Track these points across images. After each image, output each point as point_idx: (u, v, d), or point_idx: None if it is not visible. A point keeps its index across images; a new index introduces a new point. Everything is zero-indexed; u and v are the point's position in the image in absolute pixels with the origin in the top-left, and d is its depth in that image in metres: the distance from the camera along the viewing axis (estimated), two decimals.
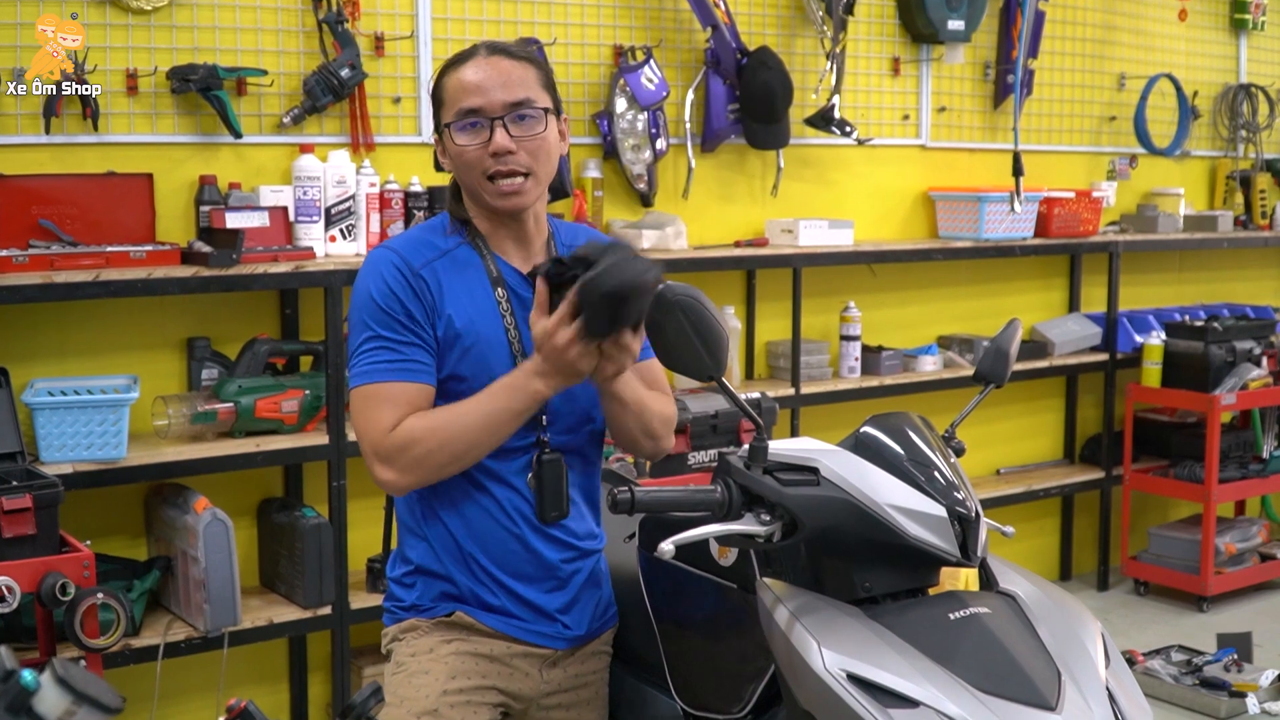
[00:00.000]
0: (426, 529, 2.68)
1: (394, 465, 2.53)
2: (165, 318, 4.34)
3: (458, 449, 2.53)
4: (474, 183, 2.64)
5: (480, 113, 2.60)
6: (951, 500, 2.25)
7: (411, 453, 2.52)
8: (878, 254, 5.66)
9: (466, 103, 2.61)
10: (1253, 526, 6.60)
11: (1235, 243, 6.98)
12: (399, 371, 2.56)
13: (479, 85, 2.60)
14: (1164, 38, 6.96)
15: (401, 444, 2.52)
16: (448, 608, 2.68)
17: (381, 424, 2.53)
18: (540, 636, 2.70)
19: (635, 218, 5.21)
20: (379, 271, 2.61)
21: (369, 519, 4.47)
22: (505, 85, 2.61)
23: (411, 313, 2.58)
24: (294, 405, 4.27)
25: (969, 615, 2.19)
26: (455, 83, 2.63)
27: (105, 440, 3.92)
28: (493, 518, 2.64)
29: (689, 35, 5.35)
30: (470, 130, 2.61)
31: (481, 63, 2.63)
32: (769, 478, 2.21)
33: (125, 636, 3.82)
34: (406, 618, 2.72)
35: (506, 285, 2.66)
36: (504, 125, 2.60)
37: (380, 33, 4.63)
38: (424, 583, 2.70)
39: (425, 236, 2.70)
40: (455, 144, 2.62)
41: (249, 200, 4.38)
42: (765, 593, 2.28)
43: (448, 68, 2.67)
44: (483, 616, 2.66)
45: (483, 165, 2.61)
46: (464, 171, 2.65)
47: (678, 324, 2.18)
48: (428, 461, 2.52)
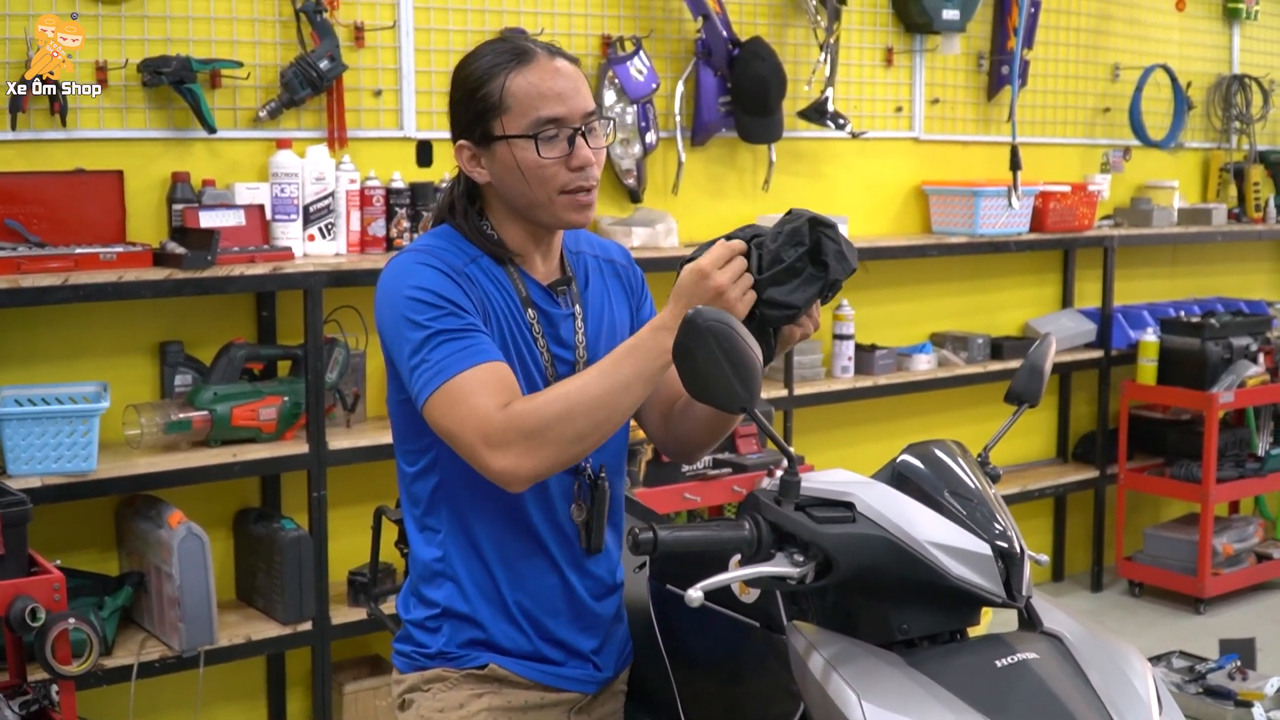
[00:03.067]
0: (456, 567, 2.48)
1: (513, 448, 2.22)
2: (137, 321, 4.17)
3: (582, 425, 2.23)
4: (543, 198, 2.41)
5: (562, 123, 2.38)
6: (994, 535, 2.09)
7: (528, 425, 2.21)
8: (873, 250, 5.51)
9: (548, 111, 2.37)
10: (1249, 526, 6.50)
11: (1229, 236, 6.88)
12: (478, 354, 2.29)
13: (560, 93, 2.38)
14: (1158, 27, 6.84)
15: (516, 422, 2.22)
16: (479, 658, 2.49)
17: (484, 408, 2.24)
18: (573, 682, 2.53)
19: (624, 214, 5.05)
20: (417, 271, 2.36)
21: (350, 529, 4.34)
22: (580, 93, 2.40)
23: (463, 306, 2.34)
24: (272, 413, 4.11)
25: (1016, 662, 2.04)
26: (526, 87, 2.38)
27: (75, 452, 3.76)
28: (533, 553, 2.47)
29: (679, 25, 5.18)
30: (550, 142, 2.38)
31: (550, 66, 2.40)
32: (801, 514, 2.05)
33: (98, 658, 3.67)
34: (431, 666, 2.51)
35: (536, 305, 2.48)
36: (583, 136, 2.40)
37: (360, 23, 4.46)
38: (451, 626, 2.50)
39: (445, 244, 2.46)
40: (531, 157, 2.38)
41: (224, 198, 4.21)
42: (797, 637, 2.13)
43: (498, 68, 2.40)
44: (516, 667, 2.48)
45: (560, 180, 2.39)
46: (535, 185, 2.40)
47: (709, 351, 2.01)
48: (551, 436, 2.22)
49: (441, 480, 2.46)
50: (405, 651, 2.55)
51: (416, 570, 2.55)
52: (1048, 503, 6.53)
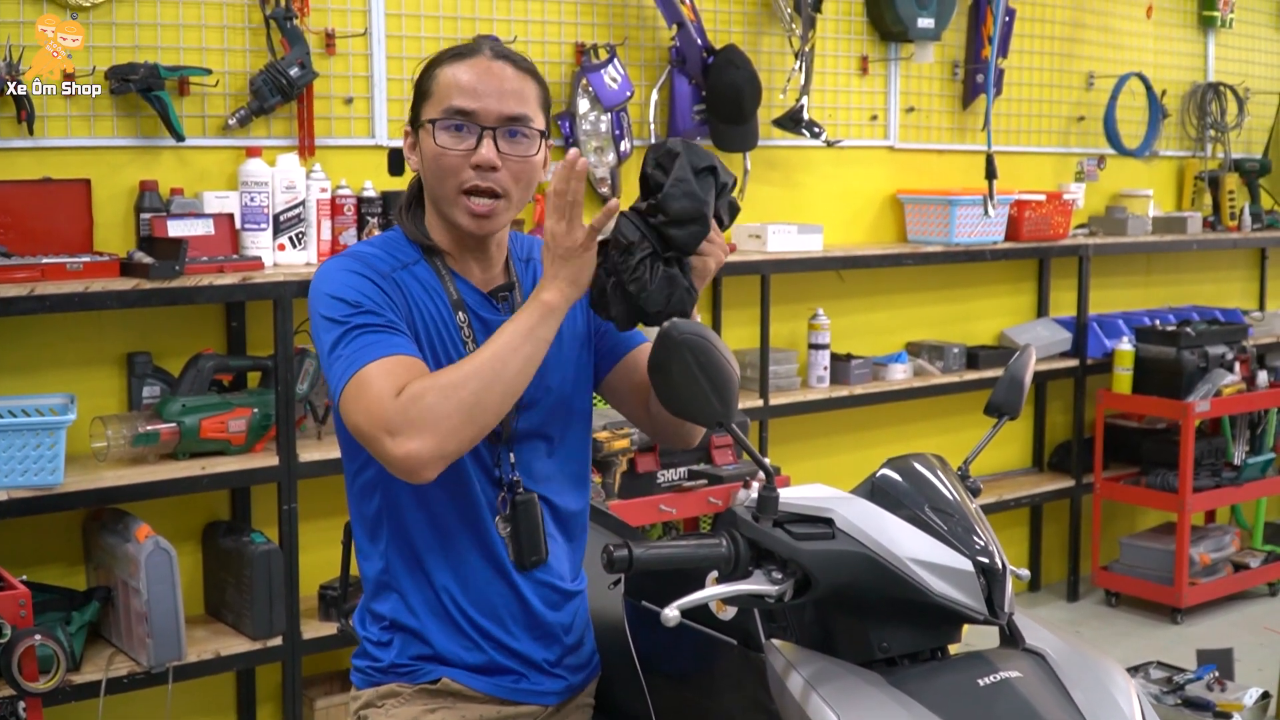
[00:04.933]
0: (400, 580, 2.44)
1: (406, 431, 2.16)
2: (104, 332, 4.12)
3: (473, 390, 2.18)
4: (446, 193, 2.39)
5: (472, 117, 2.36)
6: (976, 551, 2.06)
7: (420, 406, 2.16)
8: (848, 259, 5.49)
9: (458, 102, 2.36)
10: (1225, 535, 6.49)
11: (1204, 244, 6.87)
12: (386, 347, 2.25)
13: (475, 88, 2.37)
14: (1132, 35, 6.85)
15: (406, 404, 2.17)
16: (431, 672, 2.44)
17: (382, 395, 2.19)
18: (531, 694, 2.48)
19: None
20: (340, 274, 2.34)
21: (321, 542, 4.29)
22: (503, 95, 2.38)
23: (382, 306, 2.31)
24: (241, 425, 4.06)
25: (999, 681, 2.01)
26: (449, 77, 2.39)
27: (41, 465, 3.70)
28: (473, 563, 2.42)
29: (653, 33, 5.15)
30: (455, 133, 2.37)
31: (483, 64, 2.39)
32: (780, 531, 2.01)
33: (66, 674, 3.63)
34: (385, 681, 2.46)
35: (468, 308, 2.43)
36: (494, 137, 2.37)
37: (331, 30, 4.41)
38: (400, 639, 2.45)
39: (380, 250, 2.44)
40: (435, 143, 2.37)
41: (192, 207, 4.16)
42: (775, 656, 2.09)
43: (443, 59, 2.43)
44: (470, 680, 2.43)
45: (460, 175, 2.37)
46: (437, 177, 2.39)
47: (684, 365, 1.97)
48: (441, 413, 2.16)
49: (382, 492, 2.42)
50: (361, 667, 2.51)
51: (366, 584, 2.51)
52: (1024, 512, 6.51)
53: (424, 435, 2.16)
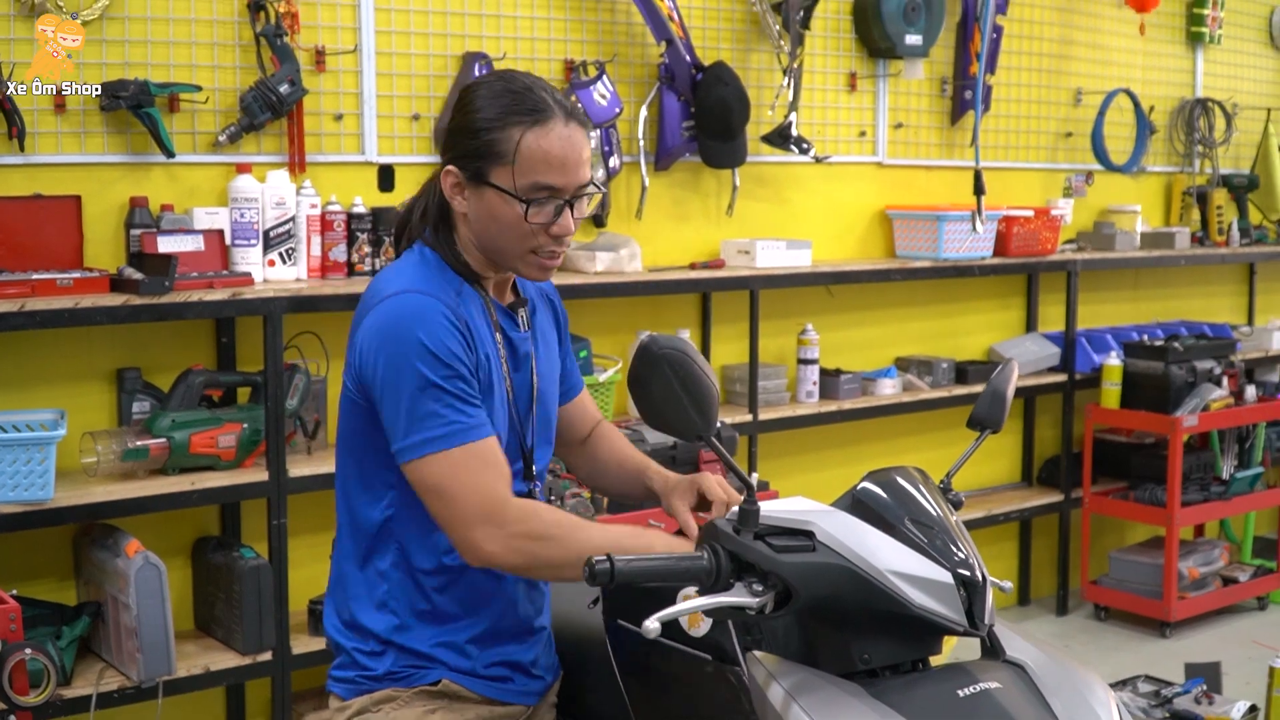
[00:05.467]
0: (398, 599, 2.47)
1: (504, 536, 2.27)
2: (94, 348, 4.13)
3: (570, 555, 2.27)
4: (515, 251, 2.42)
5: (558, 192, 2.39)
6: (956, 563, 2.07)
7: (529, 528, 2.28)
8: (837, 274, 5.51)
9: (548, 179, 2.37)
10: (1214, 550, 6.50)
11: (1192, 260, 6.89)
12: (484, 428, 2.34)
13: (564, 162, 2.37)
14: (1121, 52, 6.87)
15: (522, 517, 2.29)
16: (430, 673, 2.48)
17: (495, 488, 2.29)
18: (519, 695, 2.54)
19: (588, 239, 5.03)
20: (428, 319, 2.33)
21: (311, 558, 4.29)
22: (581, 165, 2.41)
23: (467, 365, 2.35)
24: (231, 440, 4.06)
25: (979, 692, 2.02)
26: (535, 150, 2.36)
27: (31, 480, 3.71)
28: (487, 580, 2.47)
29: (642, 50, 5.17)
30: (539, 206, 2.38)
31: (564, 133, 2.38)
32: (761, 543, 2.02)
33: (56, 688, 3.63)
34: (380, 687, 2.49)
35: (503, 331, 2.50)
36: (571, 208, 2.40)
37: (321, 47, 4.43)
38: (395, 652, 2.49)
39: (437, 275, 2.45)
40: (515, 215, 2.38)
41: (182, 223, 4.17)
42: (756, 668, 2.10)
43: (514, 118, 2.37)
44: (468, 682, 2.48)
45: (536, 241, 2.40)
46: (508, 239, 2.41)
47: (664, 380, 1.99)
48: (540, 549, 2.28)
49: (394, 515, 2.46)
50: (348, 678, 2.52)
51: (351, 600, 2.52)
52: (1013, 527, 6.52)
53: (515, 552, 2.29)
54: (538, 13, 4.92)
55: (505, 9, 4.84)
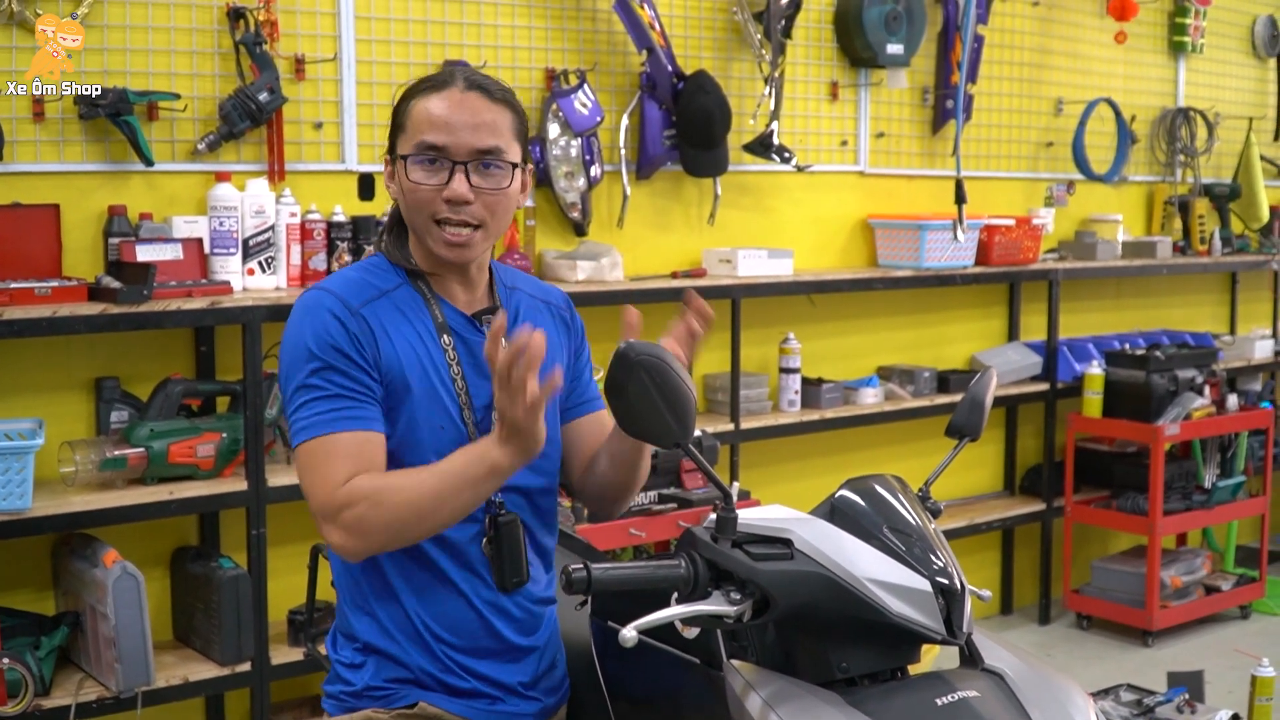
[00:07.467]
0: (374, 604, 2.45)
1: (338, 524, 2.27)
2: (72, 357, 4.10)
3: (405, 515, 2.26)
4: (420, 224, 2.43)
5: (443, 152, 2.39)
6: (934, 571, 2.07)
7: (354, 511, 2.26)
8: (818, 284, 5.50)
9: (430, 137, 2.39)
10: (1196, 558, 6.50)
11: (1174, 269, 6.90)
12: (346, 420, 2.31)
13: (447, 122, 2.39)
14: (1101, 61, 6.88)
15: (346, 501, 2.26)
16: (407, 696, 2.44)
17: (330, 479, 2.28)
18: (507, 717, 2.49)
19: (569, 248, 5.02)
20: (314, 315, 2.37)
21: (290, 568, 4.27)
22: (476, 128, 2.40)
23: (352, 359, 2.34)
24: (210, 449, 4.04)
25: (957, 701, 2.02)
26: (422, 111, 2.41)
27: (9, 490, 3.68)
28: (448, 589, 2.43)
29: (624, 58, 5.17)
30: (428, 167, 2.40)
31: (455, 96, 2.41)
32: (738, 551, 2.02)
33: (35, 698, 3.63)
34: (360, 706, 2.46)
35: (452, 331, 2.46)
36: (465, 172, 2.39)
37: (301, 55, 4.42)
38: (375, 663, 2.46)
39: (363, 276, 2.47)
40: (409, 179, 2.40)
41: (161, 231, 4.15)
42: (734, 676, 2.09)
43: (416, 91, 2.45)
44: (447, 704, 2.44)
45: (433, 208, 2.40)
46: (412, 209, 2.43)
47: (641, 386, 1.98)
48: (371, 525, 2.26)
49: None
50: (334, 693, 2.51)
51: (341, 607, 2.53)
52: (995, 536, 6.52)
53: (352, 537, 2.28)
54: (519, 21, 4.91)
55: (486, 18, 4.83)
